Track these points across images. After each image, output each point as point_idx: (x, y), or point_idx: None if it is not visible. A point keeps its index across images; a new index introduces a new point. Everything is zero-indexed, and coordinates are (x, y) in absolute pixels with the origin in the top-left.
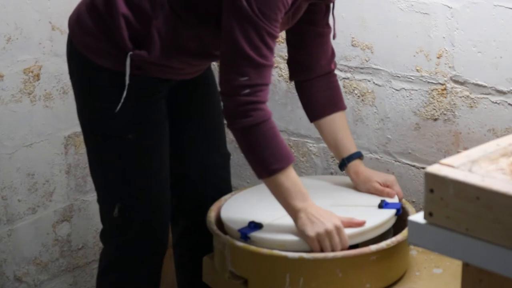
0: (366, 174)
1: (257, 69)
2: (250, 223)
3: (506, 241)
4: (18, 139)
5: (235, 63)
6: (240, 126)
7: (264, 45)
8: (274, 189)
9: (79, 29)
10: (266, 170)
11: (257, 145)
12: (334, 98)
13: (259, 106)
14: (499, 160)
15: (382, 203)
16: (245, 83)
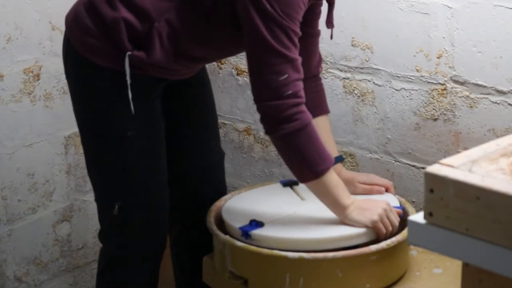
0: (347, 176)
1: (291, 64)
2: (251, 221)
3: (506, 241)
4: (18, 139)
5: (270, 64)
6: (286, 132)
7: (292, 43)
8: (321, 189)
9: (77, 28)
10: (314, 172)
11: (304, 149)
12: (319, 102)
13: (302, 108)
14: (499, 160)
15: None
16: (285, 81)
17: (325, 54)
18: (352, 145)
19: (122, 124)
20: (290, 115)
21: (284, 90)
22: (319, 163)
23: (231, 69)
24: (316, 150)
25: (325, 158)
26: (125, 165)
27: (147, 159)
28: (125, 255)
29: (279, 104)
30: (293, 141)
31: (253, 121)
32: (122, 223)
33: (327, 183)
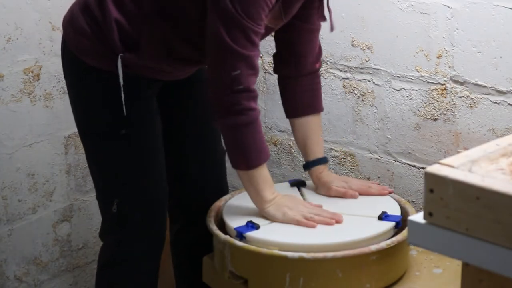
0: (327, 179)
1: (245, 61)
2: (248, 223)
3: (506, 241)
4: (18, 139)
5: (223, 62)
6: (232, 124)
7: (248, 41)
8: (248, 180)
9: (72, 29)
10: (247, 164)
11: (244, 142)
12: (314, 100)
13: (252, 104)
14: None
15: (383, 215)
16: (237, 77)
17: (325, 54)
18: (352, 145)
19: (116, 123)
20: (239, 109)
21: (235, 84)
22: (254, 158)
23: None
24: (255, 145)
25: (261, 155)
26: (121, 163)
27: (142, 156)
28: (124, 253)
29: (230, 98)
30: (236, 132)
31: None
32: (121, 221)
33: (255, 176)
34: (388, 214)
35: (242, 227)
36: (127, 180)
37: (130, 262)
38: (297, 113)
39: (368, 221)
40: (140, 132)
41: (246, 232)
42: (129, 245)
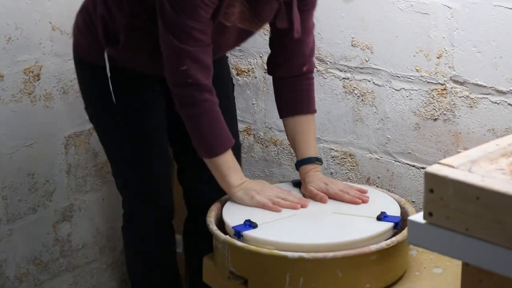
0: (309, 179)
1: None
2: (246, 222)
3: (506, 241)
4: (18, 139)
5: (171, 58)
6: (188, 115)
7: (189, 37)
8: (213, 167)
9: (76, 30)
10: (209, 152)
11: (202, 131)
12: (302, 101)
13: (203, 96)
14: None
15: (381, 215)
16: (185, 72)
17: (325, 54)
18: (352, 145)
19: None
20: (192, 102)
21: (184, 79)
22: (214, 147)
23: (231, 69)
24: (213, 134)
25: (220, 143)
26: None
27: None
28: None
29: (181, 91)
30: (193, 122)
31: (253, 121)
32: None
33: (219, 163)
34: (387, 214)
35: (239, 225)
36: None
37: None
38: (285, 113)
39: (367, 222)
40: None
41: (243, 231)
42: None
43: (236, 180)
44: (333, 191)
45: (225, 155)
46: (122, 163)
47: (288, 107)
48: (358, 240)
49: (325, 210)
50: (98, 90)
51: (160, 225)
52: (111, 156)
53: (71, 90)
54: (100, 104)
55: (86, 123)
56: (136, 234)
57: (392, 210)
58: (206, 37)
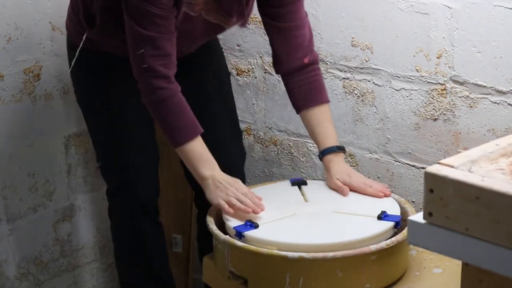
0: (333, 170)
1: (149, 41)
2: (246, 222)
3: (506, 241)
4: (18, 139)
5: (133, 43)
6: (148, 102)
7: (150, 23)
8: (183, 157)
9: (68, 18)
10: (173, 141)
11: (165, 119)
12: (312, 93)
13: (161, 83)
14: (499, 160)
15: (382, 214)
16: (141, 56)
17: (325, 54)
18: (352, 145)
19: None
20: (150, 88)
21: (140, 63)
22: (177, 135)
23: (231, 69)
24: (176, 122)
25: (184, 131)
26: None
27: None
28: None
29: (140, 77)
30: (154, 111)
31: (253, 121)
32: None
33: (185, 153)
34: (387, 214)
35: (240, 226)
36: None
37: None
38: (299, 108)
39: (367, 221)
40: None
41: (245, 231)
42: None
43: (205, 171)
44: (356, 183)
45: (190, 144)
46: (99, 147)
47: (300, 101)
48: (359, 240)
49: (325, 210)
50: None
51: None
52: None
53: (71, 90)
54: (81, 86)
55: None
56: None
57: (392, 210)
58: (168, 24)
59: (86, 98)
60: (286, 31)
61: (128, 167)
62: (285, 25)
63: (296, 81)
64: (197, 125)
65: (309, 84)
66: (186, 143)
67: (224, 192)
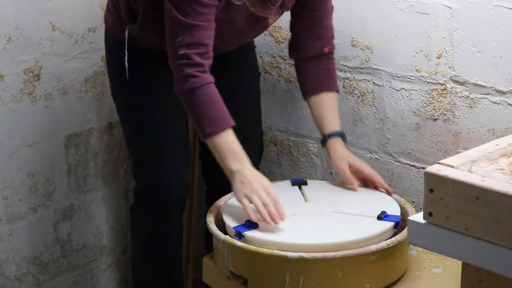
0: (343, 153)
1: (188, 29)
2: (246, 222)
3: (506, 241)
4: (18, 139)
5: (170, 29)
6: (180, 91)
7: (192, 10)
8: (212, 150)
9: (107, 10)
10: (202, 133)
11: (195, 109)
12: (323, 79)
13: (195, 72)
14: (498, 160)
15: (382, 214)
16: (179, 43)
17: None
18: (352, 145)
19: (127, 89)
20: (183, 75)
21: (177, 51)
22: (206, 126)
23: None
24: (206, 113)
25: (214, 123)
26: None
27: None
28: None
29: (175, 64)
30: (185, 99)
31: None
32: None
33: (215, 145)
34: (387, 214)
35: (240, 226)
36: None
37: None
38: (309, 92)
39: (367, 221)
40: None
41: (244, 231)
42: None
43: (233, 165)
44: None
45: (220, 136)
46: (133, 141)
47: (312, 86)
48: (359, 240)
49: (325, 210)
50: (117, 66)
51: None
52: (126, 135)
53: (71, 90)
54: (117, 80)
55: (86, 123)
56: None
57: (392, 210)
58: (209, 12)
59: (122, 92)
60: (314, 20)
61: (164, 161)
62: (313, 14)
63: (311, 65)
64: (229, 118)
65: (324, 71)
66: (215, 134)
67: (248, 189)
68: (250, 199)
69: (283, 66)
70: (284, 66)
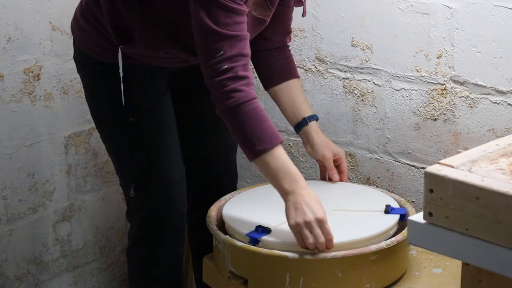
0: (326, 140)
1: (229, 41)
2: (258, 228)
3: (506, 241)
4: (18, 139)
5: (207, 44)
6: (225, 109)
7: (230, 19)
8: (263, 170)
9: (77, 29)
10: (251, 152)
11: (241, 127)
12: (288, 67)
13: (240, 87)
14: (498, 160)
15: (388, 208)
16: (221, 58)
17: (325, 54)
18: (352, 145)
19: (123, 110)
20: (228, 91)
21: (219, 66)
22: (255, 144)
23: None
24: (253, 129)
25: (263, 139)
26: (132, 149)
27: (151, 141)
28: (145, 234)
29: (216, 81)
30: (231, 118)
31: None
32: (139, 204)
33: (265, 164)
34: (393, 207)
35: (253, 232)
36: (140, 164)
37: (152, 242)
38: (275, 81)
39: (375, 216)
40: (147, 117)
41: (260, 237)
42: (149, 227)
43: (286, 185)
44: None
45: (271, 155)
46: (133, 168)
47: (281, 74)
48: (360, 240)
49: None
50: (108, 90)
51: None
52: (122, 161)
53: (71, 90)
54: (106, 106)
55: (86, 123)
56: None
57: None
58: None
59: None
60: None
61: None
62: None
63: (273, 56)
64: (277, 134)
65: (287, 59)
66: (265, 153)
67: (301, 218)
68: (301, 231)
69: None
70: None
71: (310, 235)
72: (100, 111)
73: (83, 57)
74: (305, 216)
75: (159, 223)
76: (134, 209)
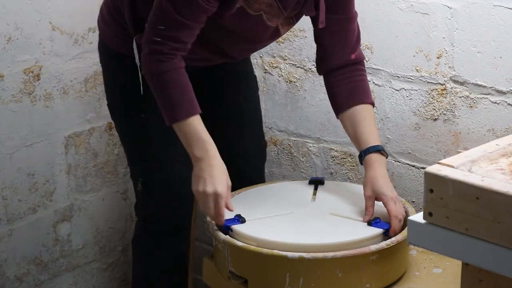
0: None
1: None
2: (236, 216)
3: (506, 241)
4: (18, 139)
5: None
6: (148, 71)
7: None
8: (179, 135)
9: (102, 20)
10: (168, 117)
11: (161, 93)
12: (354, 92)
13: (165, 58)
14: (498, 160)
15: (373, 220)
16: (159, 31)
17: None
18: (352, 145)
19: (137, 105)
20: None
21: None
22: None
23: None
24: (171, 98)
25: (180, 109)
26: (143, 144)
27: (162, 138)
28: (150, 228)
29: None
30: (152, 81)
31: None
32: (146, 198)
33: (180, 131)
34: (379, 220)
35: (230, 220)
36: (149, 160)
37: (156, 236)
38: (342, 108)
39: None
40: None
41: (232, 225)
42: (154, 221)
43: (196, 152)
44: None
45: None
46: (147, 161)
47: (343, 100)
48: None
49: (324, 211)
50: (125, 81)
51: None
52: (133, 154)
53: (71, 90)
54: (126, 97)
55: (86, 123)
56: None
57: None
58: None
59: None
60: (336, 23)
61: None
62: (336, 17)
63: (340, 79)
64: (193, 105)
65: (356, 83)
66: (181, 121)
67: (201, 187)
68: (200, 199)
69: (283, 66)
70: (284, 66)
71: (203, 206)
72: (115, 101)
73: (104, 48)
74: (205, 187)
75: (163, 220)
76: (141, 202)
